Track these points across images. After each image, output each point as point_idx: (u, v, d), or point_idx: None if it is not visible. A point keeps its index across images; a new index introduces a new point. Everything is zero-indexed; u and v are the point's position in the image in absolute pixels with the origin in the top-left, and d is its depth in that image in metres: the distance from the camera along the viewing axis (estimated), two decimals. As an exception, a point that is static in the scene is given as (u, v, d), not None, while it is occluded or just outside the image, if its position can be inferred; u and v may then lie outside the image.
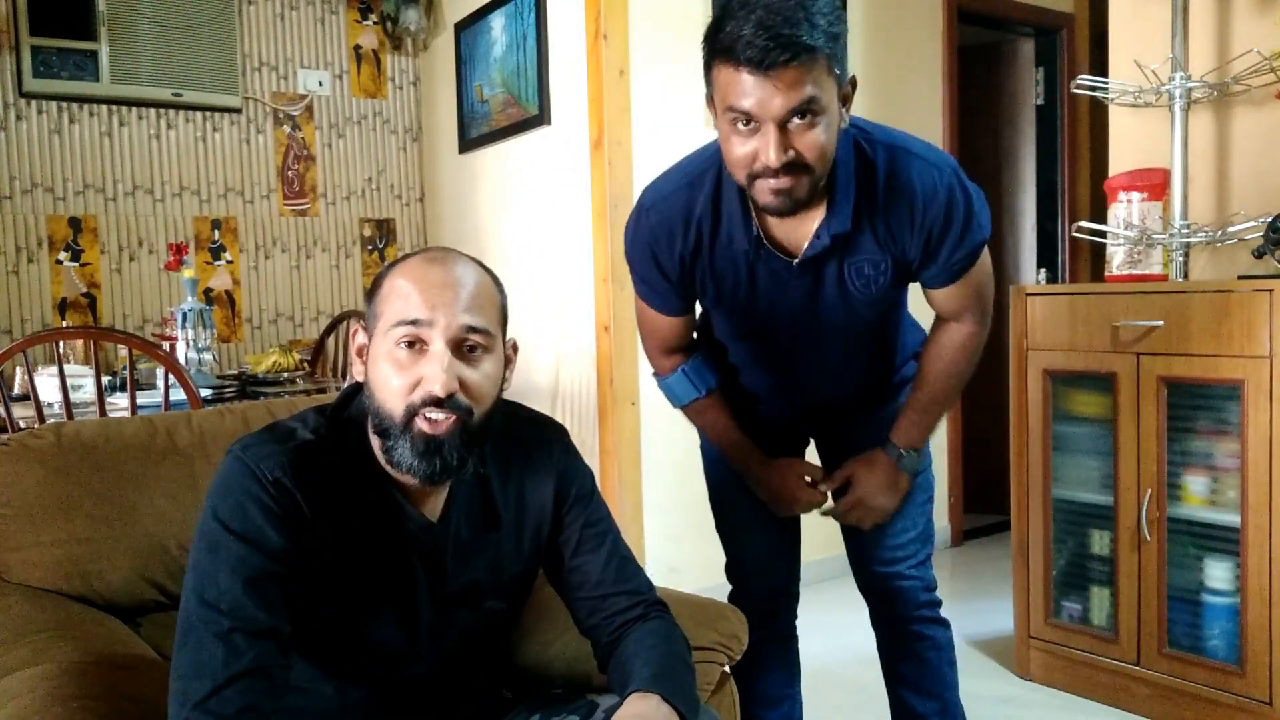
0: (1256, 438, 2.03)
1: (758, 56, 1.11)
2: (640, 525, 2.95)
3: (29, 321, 3.32)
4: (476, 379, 1.00)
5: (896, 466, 1.51)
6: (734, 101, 1.17)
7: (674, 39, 2.97)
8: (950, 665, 1.67)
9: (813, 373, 1.53)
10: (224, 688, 0.90)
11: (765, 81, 1.13)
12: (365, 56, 3.95)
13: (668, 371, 1.56)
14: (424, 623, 1.08)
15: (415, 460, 0.98)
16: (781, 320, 1.43)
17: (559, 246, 3.15)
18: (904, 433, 1.50)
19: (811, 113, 1.15)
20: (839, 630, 2.65)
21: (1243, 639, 2.08)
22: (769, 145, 1.16)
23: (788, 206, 1.22)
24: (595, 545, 1.16)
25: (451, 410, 0.97)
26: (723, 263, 1.38)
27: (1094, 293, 2.30)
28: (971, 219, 1.33)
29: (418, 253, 1.03)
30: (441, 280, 0.98)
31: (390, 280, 1.01)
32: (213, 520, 0.96)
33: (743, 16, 1.13)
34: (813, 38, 1.12)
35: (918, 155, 1.31)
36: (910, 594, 1.63)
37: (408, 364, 0.97)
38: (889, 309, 1.48)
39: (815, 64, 1.13)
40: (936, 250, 1.34)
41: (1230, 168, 2.47)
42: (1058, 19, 4.03)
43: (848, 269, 1.35)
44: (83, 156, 3.39)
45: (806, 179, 1.20)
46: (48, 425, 1.43)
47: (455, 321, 0.98)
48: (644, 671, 1.06)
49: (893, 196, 1.30)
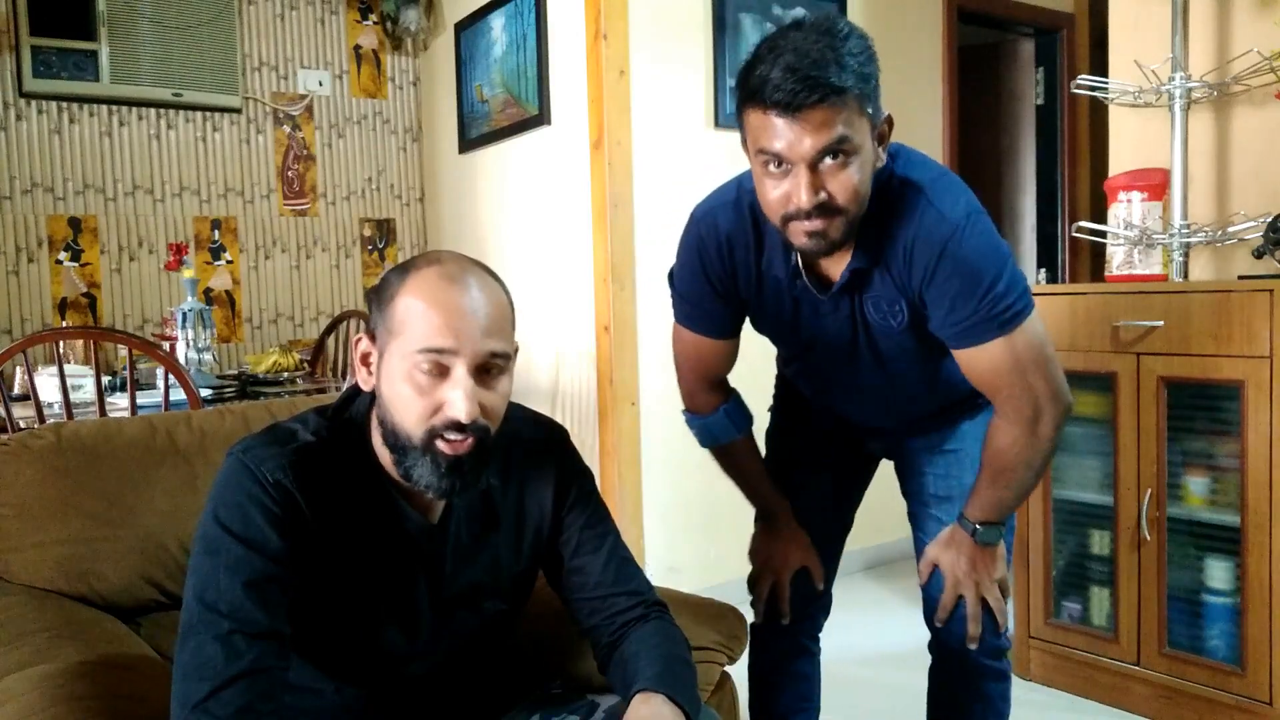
0: (1256, 438, 2.03)
1: (786, 99, 1.11)
2: (640, 525, 2.95)
3: (29, 321, 3.32)
4: (494, 400, 1.00)
5: (974, 541, 1.43)
6: (765, 144, 1.16)
7: (674, 39, 2.97)
8: (996, 717, 1.55)
9: (856, 399, 1.51)
10: (222, 689, 0.90)
11: (794, 123, 1.12)
12: (365, 56, 3.95)
13: (709, 410, 1.51)
14: (424, 624, 1.08)
15: (435, 479, 0.98)
16: (821, 348, 1.41)
17: (559, 246, 3.15)
18: (976, 508, 1.42)
19: (843, 153, 1.14)
20: (844, 630, 2.65)
21: (1243, 639, 2.08)
22: (800, 186, 1.15)
23: (822, 248, 1.21)
24: (595, 546, 1.16)
25: (472, 433, 0.97)
26: (767, 286, 1.37)
27: (1094, 293, 2.30)
28: (975, 281, 1.23)
29: (431, 264, 1.00)
30: (464, 305, 0.97)
31: (406, 298, 0.98)
32: (213, 522, 0.96)
33: (771, 60, 1.13)
34: (841, 79, 1.11)
35: (930, 198, 1.25)
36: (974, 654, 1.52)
37: (429, 388, 0.97)
38: (930, 346, 1.37)
39: (845, 104, 1.12)
40: (930, 304, 1.28)
41: (1230, 168, 2.47)
42: (1058, 19, 4.03)
43: (868, 304, 1.33)
44: (83, 156, 3.39)
45: (840, 220, 1.18)
46: (48, 425, 1.43)
47: (479, 349, 0.97)
48: (648, 671, 1.06)
49: (894, 236, 1.27)
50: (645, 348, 2.93)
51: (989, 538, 1.43)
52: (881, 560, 3.39)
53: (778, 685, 1.67)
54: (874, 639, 2.75)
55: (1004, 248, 1.28)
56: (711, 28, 3.02)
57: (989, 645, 1.48)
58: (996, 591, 1.46)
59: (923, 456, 1.54)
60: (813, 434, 1.61)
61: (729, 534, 1.81)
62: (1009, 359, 1.28)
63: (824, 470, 1.62)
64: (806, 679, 1.69)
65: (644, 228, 2.92)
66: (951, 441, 1.51)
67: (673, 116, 2.97)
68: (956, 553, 1.46)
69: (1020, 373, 1.29)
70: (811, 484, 1.61)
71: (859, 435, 1.62)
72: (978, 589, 1.45)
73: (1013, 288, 1.26)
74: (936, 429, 1.52)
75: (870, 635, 2.78)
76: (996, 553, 1.46)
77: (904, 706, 1.73)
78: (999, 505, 1.41)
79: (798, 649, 1.66)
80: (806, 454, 1.61)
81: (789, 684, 1.67)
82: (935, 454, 1.53)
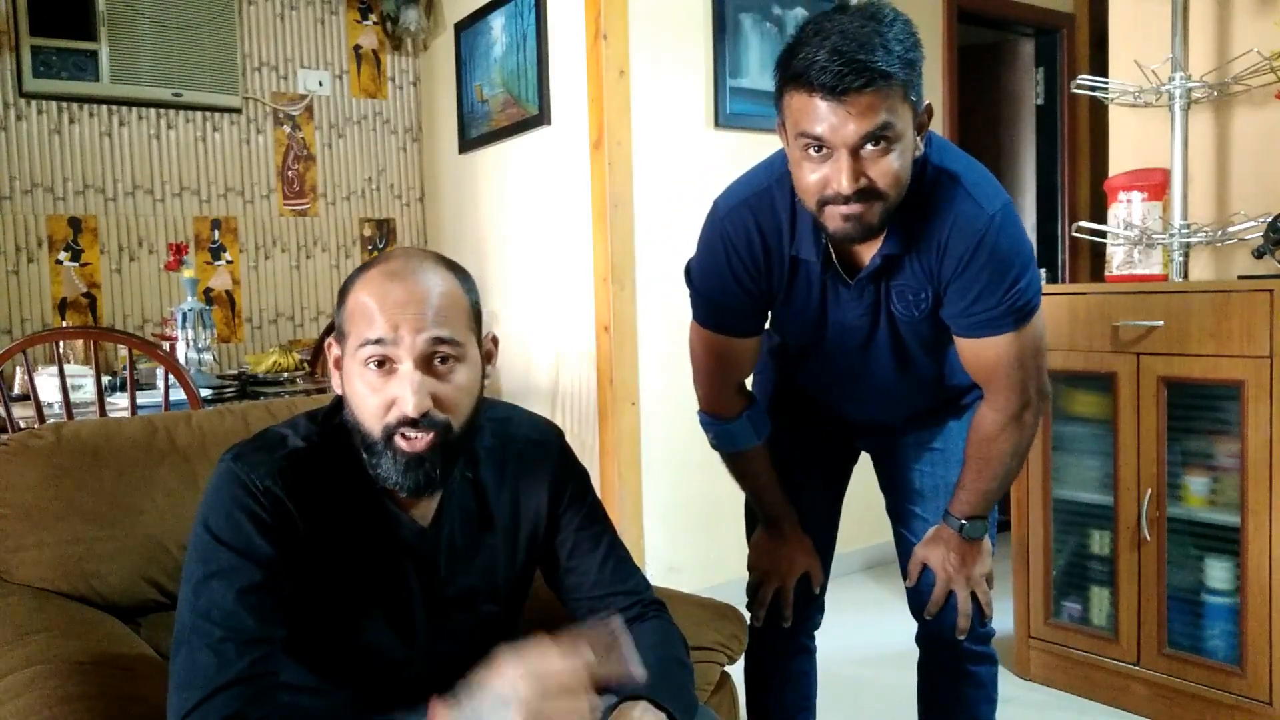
0: (1256, 438, 2.03)
1: (832, 82, 1.09)
2: (640, 525, 2.95)
3: (29, 321, 3.32)
4: (449, 391, 0.98)
5: (961, 537, 1.47)
6: (807, 127, 1.15)
7: (674, 39, 2.97)
8: (988, 703, 1.59)
9: (859, 395, 1.51)
10: (213, 697, 0.89)
11: (839, 107, 1.11)
12: (365, 56, 3.95)
13: (732, 414, 1.49)
14: (419, 628, 1.08)
15: (398, 476, 0.98)
16: (838, 339, 1.41)
17: (559, 246, 3.15)
18: (963, 504, 1.46)
19: (885, 139, 1.13)
20: (843, 630, 2.65)
21: (1243, 639, 2.08)
22: (841, 171, 1.14)
23: (859, 232, 1.19)
24: (592, 546, 1.16)
25: (428, 428, 0.96)
26: (800, 273, 1.35)
27: (1094, 293, 2.30)
28: (1004, 274, 1.26)
29: (378, 262, 1.00)
30: (404, 297, 0.96)
31: (354, 295, 0.98)
32: (204, 531, 0.96)
33: (816, 43, 1.11)
34: (888, 64, 1.10)
35: (967, 189, 1.26)
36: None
37: (379, 385, 0.96)
38: (943, 337, 1.40)
39: (890, 90, 1.11)
40: (954, 293, 1.29)
41: (1230, 168, 2.47)
42: (1058, 19, 4.03)
43: (894, 291, 1.33)
44: (83, 156, 3.39)
45: (879, 205, 1.17)
46: (48, 425, 1.43)
47: (420, 338, 0.96)
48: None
49: (930, 225, 1.26)
50: (645, 348, 2.92)
51: (975, 532, 1.46)
52: (881, 560, 3.39)
53: (779, 685, 1.67)
54: (874, 639, 2.75)
55: (1029, 243, 1.30)
56: (711, 28, 3.02)
57: (976, 632, 1.52)
58: (984, 585, 1.51)
59: (911, 452, 1.56)
60: (808, 434, 1.62)
61: (729, 534, 1.81)
62: (1015, 351, 1.31)
63: (819, 470, 1.63)
64: (806, 677, 1.71)
65: (644, 228, 2.92)
66: (939, 440, 1.53)
67: (673, 116, 2.97)
68: (945, 550, 1.49)
69: (1020, 365, 1.33)
70: (809, 485, 1.62)
71: (851, 434, 1.63)
72: (968, 584, 1.49)
73: (1033, 283, 1.30)
74: (928, 426, 1.54)
75: (870, 635, 2.78)
76: (983, 547, 1.49)
77: (903, 706, 1.73)
78: (984, 498, 1.44)
79: (798, 648, 1.68)
80: (803, 455, 1.61)
81: (790, 684, 1.68)
82: (924, 450, 1.55)
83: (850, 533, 1.67)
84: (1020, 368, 1.33)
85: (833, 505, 1.67)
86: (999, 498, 1.47)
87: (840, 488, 1.68)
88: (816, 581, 1.60)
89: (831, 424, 1.60)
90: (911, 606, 1.57)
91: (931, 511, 1.53)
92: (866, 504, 1.72)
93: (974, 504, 1.44)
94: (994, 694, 1.59)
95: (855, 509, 1.77)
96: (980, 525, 1.46)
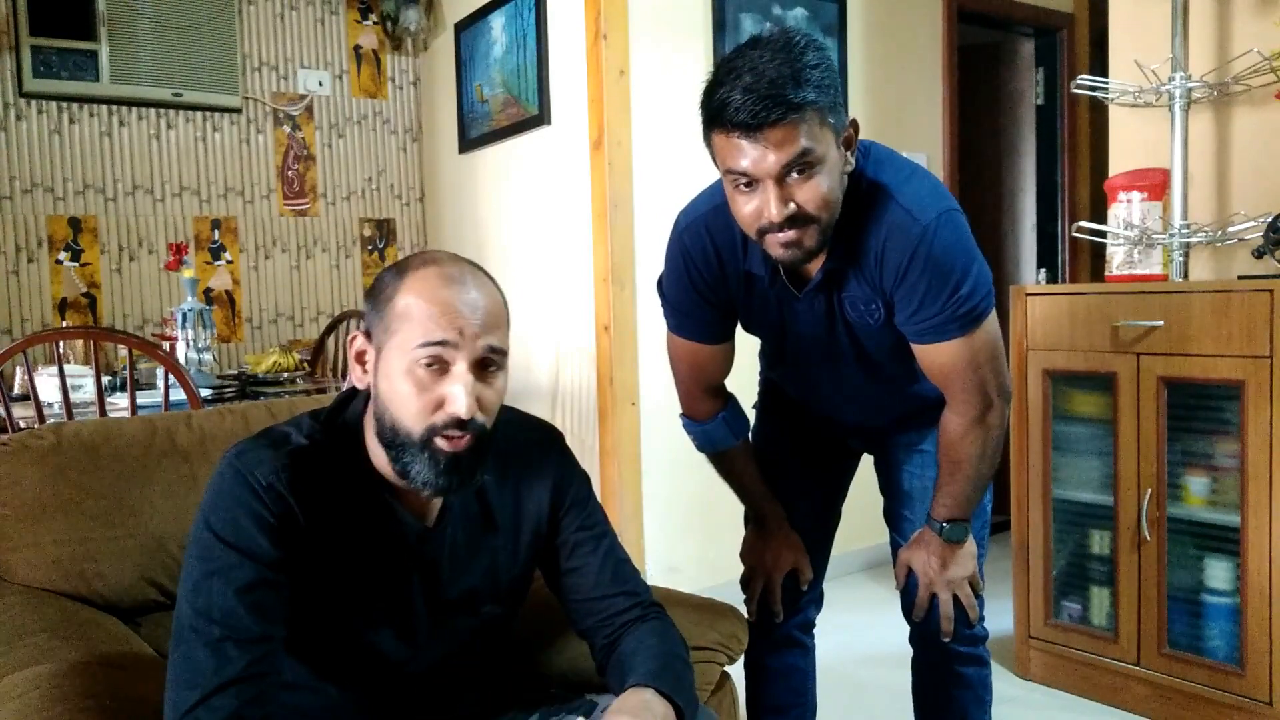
0: (1256, 438, 2.03)
1: (747, 119, 1.13)
2: (640, 525, 2.95)
3: (29, 321, 3.32)
4: (492, 396, 1.01)
5: (942, 541, 1.47)
6: (732, 164, 1.19)
7: (674, 39, 2.97)
8: (977, 704, 1.60)
9: (839, 398, 1.53)
10: (211, 696, 0.89)
11: (757, 142, 1.15)
12: (365, 56, 3.95)
13: (708, 416, 1.54)
14: (421, 628, 1.08)
15: (433, 476, 0.98)
16: (803, 347, 1.44)
17: (559, 246, 3.15)
18: (940, 506, 1.47)
19: (807, 165, 1.16)
20: (843, 630, 2.65)
21: (1243, 639, 2.08)
22: (769, 201, 1.17)
23: (799, 257, 1.23)
24: (592, 548, 1.17)
25: (470, 430, 0.98)
26: (755, 287, 1.39)
27: (1094, 293, 2.30)
28: (944, 282, 1.26)
29: (428, 263, 1.01)
30: (464, 302, 0.98)
31: (406, 296, 0.98)
32: (205, 529, 0.96)
33: (730, 82, 1.15)
34: (799, 94, 1.13)
35: (900, 200, 1.27)
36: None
37: (429, 384, 0.97)
38: (905, 343, 1.40)
39: (805, 118, 1.14)
40: (899, 302, 1.30)
41: (1230, 168, 2.47)
42: (1058, 19, 4.03)
43: (846, 302, 1.35)
44: (83, 156, 3.39)
45: (814, 228, 1.20)
46: (48, 425, 1.43)
47: (480, 344, 0.98)
48: (642, 668, 1.07)
49: (865, 238, 1.29)
50: (645, 348, 2.93)
51: (956, 535, 1.47)
52: (881, 560, 3.38)
53: (769, 678, 1.69)
54: (874, 639, 2.75)
55: (973, 247, 1.30)
56: (711, 28, 3.02)
57: (963, 634, 1.53)
58: (967, 588, 1.51)
59: (900, 454, 1.58)
60: (798, 432, 1.64)
61: (729, 534, 1.81)
62: (966, 355, 1.33)
63: (810, 467, 1.65)
64: (799, 671, 1.72)
65: (644, 228, 2.92)
66: (927, 441, 1.54)
67: (673, 116, 2.97)
68: (927, 554, 1.50)
69: (975, 368, 1.34)
70: (798, 481, 1.64)
71: (841, 434, 1.65)
72: (949, 588, 1.50)
73: (978, 288, 1.29)
74: (916, 428, 1.55)
75: (870, 635, 2.78)
76: (965, 550, 1.50)
77: (903, 706, 1.74)
78: (959, 499, 1.45)
79: (788, 640, 1.69)
80: (793, 452, 1.64)
81: (780, 677, 1.70)
82: (913, 452, 1.56)
83: (850, 533, 1.68)
84: (974, 371, 1.34)
85: (825, 503, 1.68)
86: (978, 500, 1.48)
87: (833, 487, 1.70)
88: (804, 578, 1.62)
89: (821, 424, 1.62)
90: (903, 609, 1.59)
91: (919, 514, 1.55)
92: (866, 504, 1.73)
93: (951, 507, 1.45)
94: (984, 695, 1.60)
95: (855, 509, 1.77)
96: (961, 528, 1.47)
